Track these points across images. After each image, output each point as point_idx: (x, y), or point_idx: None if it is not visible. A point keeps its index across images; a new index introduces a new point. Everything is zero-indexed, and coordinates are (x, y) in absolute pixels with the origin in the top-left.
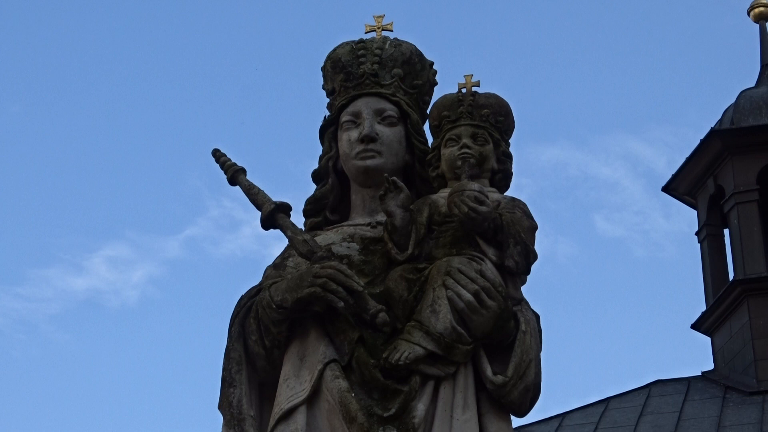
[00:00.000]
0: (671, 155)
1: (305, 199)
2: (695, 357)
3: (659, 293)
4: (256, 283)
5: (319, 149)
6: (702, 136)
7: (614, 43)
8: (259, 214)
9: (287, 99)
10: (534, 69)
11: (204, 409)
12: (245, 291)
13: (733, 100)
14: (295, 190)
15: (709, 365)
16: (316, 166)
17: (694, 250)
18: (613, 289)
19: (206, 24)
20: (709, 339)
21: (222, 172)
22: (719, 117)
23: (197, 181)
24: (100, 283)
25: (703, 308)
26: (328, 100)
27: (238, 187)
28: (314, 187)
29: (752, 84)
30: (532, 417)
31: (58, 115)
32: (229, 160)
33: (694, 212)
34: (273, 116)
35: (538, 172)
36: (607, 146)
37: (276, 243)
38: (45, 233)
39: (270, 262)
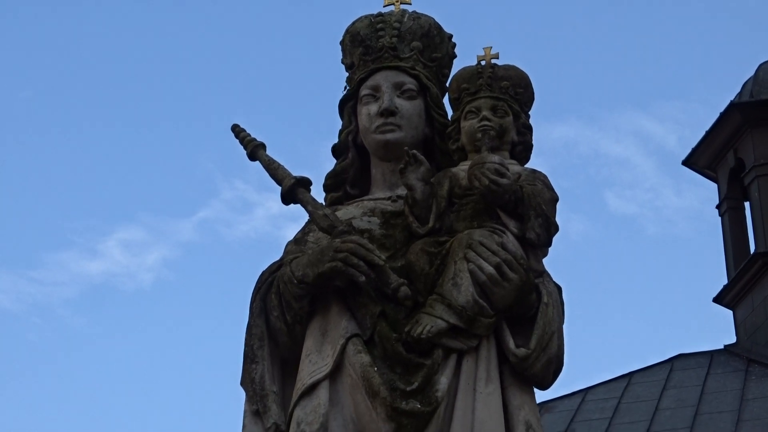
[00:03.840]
0: (682, 132)
1: (316, 176)
2: (717, 330)
3: (681, 267)
4: (268, 264)
5: (331, 127)
6: (714, 112)
7: (627, 19)
8: (279, 189)
9: (300, 78)
10: (543, 45)
11: (220, 390)
12: (266, 267)
13: (752, 72)
14: (307, 170)
15: (732, 338)
16: (326, 145)
17: (715, 223)
18: (634, 265)
19: (217, 4)
20: (731, 312)
21: (242, 147)
22: (738, 90)
23: (209, 163)
24: (114, 266)
25: (725, 281)
26: (342, 75)
27: (253, 167)
28: (326, 164)
29: None
30: (554, 392)
31: (69, 100)
32: (249, 135)
33: (715, 185)
34: (285, 96)
35: (548, 150)
36: (618, 123)
37: (289, 224)
38: (58, 217)
39: (283, 243)
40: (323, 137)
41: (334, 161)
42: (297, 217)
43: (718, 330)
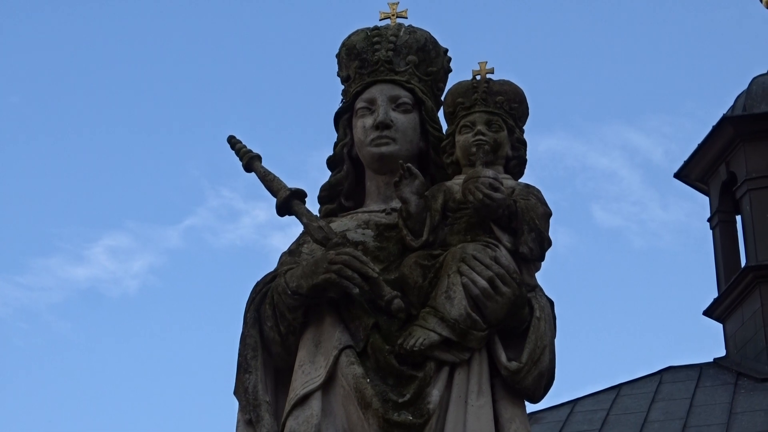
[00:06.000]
0: (668, 145)
1: (303, 186)
2: (707, 343)
3: (671, 280)
4: (256, 272)
5: (319, 138)
6: (701, 126)
7: (616, 33)
8: (266, 197)
9: (289, 88)
10: (531, 57)
11: (205, 397)
12: (260, 278)
13: (745, 86)
14: (296, 180)
15: (721, 352)
16: (314, 155)
17: (706, 236)
18: (624, 277)
19: (207, 12)
20: (721, 325)
21: (237, 158)
22: (730, 103)
23: (196, 171)
24: (100, 273)
25: (715, 295)
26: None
27: (239, 175)
28: (313, 174)
29: (765, 70)
30: (543, 403)
31: (58, 106)
32: (245, 146)
33: (707, 199)
34: (274, 105)
35: (535, 163)
36: (605, 136)
37: (276, 233)
38: (45, 223)
39: (269, 252)
40: (311, 147)
41: (322, 172)
42: (283, 226)
43: (708, 343)
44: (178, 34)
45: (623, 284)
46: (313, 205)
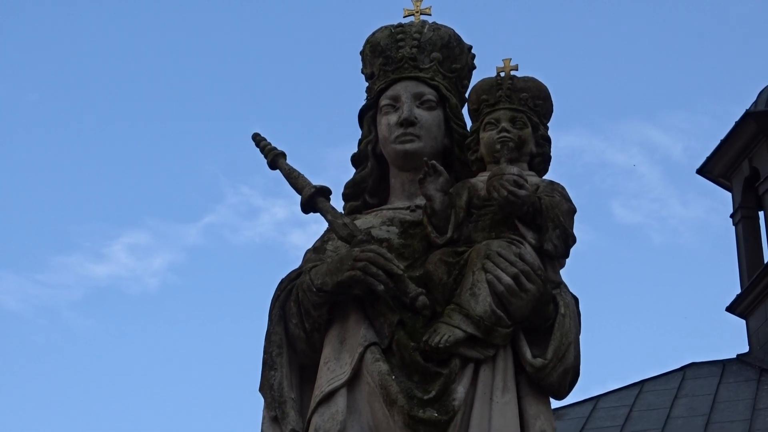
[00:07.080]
0: (688, 142)
1: (321, 182)
2: (730, 340)
3: (694, 276)
4: (275, 269)
5: (337, 137)
6: (719, 123)
7: (636, 30)
8: (285, 194)
9: (306, 85)
10: (550, 54)
11: (225, 394)
12: (283, 274)
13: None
14: (315, 177)
15: (744, 348)
16: (330, 152)
17: (729, 232)
18: (647, 274)
19: (228, 9)
20: (744, 321)
21: (262, 155)
22: (752, 99)
23: (215, 168)
24: (120, 270)
25: (738, 291)
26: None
27: (258, 172)
28: (330, 171)
29: None
30: (566, 400)
31: (77, 104)
32: (270, 144)
33: (729, 194)
34: (291, 102)
35: (554, 159)
36: (624, 133)
37: (295, 230)
38: (65, 221)
39: (288, 249)
40: (330, 144)
41: (340, 169)
42: (302, 223)
43: (731, 339)
44: (198, 31)
45: (645, 281)
46: (337, 203)
